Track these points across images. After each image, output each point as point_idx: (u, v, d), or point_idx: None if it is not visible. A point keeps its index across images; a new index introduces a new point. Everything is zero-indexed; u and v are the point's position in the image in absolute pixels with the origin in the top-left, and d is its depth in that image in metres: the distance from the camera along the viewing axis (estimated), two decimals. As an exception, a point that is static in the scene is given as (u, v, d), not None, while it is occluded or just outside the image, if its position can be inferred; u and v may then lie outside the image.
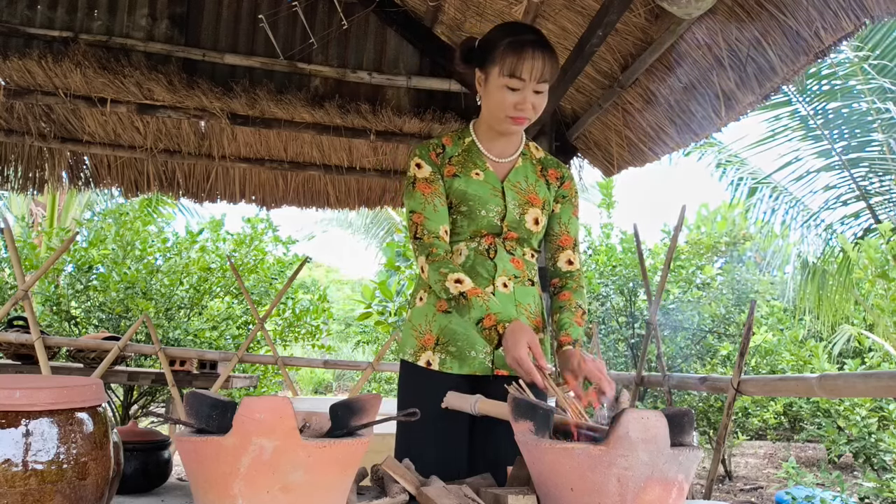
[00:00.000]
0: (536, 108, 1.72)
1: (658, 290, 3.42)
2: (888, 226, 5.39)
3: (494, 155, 1.82)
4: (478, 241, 1.77)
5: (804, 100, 7.48)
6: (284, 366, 4.55)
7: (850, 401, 4.81)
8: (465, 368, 1.75)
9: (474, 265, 1.76)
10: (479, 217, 1.76)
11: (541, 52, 1.66)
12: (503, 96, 1.69)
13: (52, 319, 6.02)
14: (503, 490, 1.29)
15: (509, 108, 1.70)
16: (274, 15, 3.83)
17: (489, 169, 1.80)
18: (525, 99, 1.68)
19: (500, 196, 1.77)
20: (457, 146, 1.83)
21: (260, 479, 1.02)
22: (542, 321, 1.84)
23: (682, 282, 6.18)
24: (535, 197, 1.80)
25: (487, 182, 1.78)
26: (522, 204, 1.78)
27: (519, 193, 1.79)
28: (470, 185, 1.77)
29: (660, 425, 1.11)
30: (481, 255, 1.77)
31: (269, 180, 4.70)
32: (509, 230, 1.78)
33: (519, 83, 1.66)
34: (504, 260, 1.77)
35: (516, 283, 1.77)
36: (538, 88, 1.68)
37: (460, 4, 3.48)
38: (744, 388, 2.64)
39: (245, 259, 6.85)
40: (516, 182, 1.80)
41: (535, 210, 1.79)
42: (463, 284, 1.62)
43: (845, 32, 2.27)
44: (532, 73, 1.65)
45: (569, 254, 1.84)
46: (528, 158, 1.86)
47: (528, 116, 1.71)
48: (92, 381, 1.09)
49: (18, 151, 4.39)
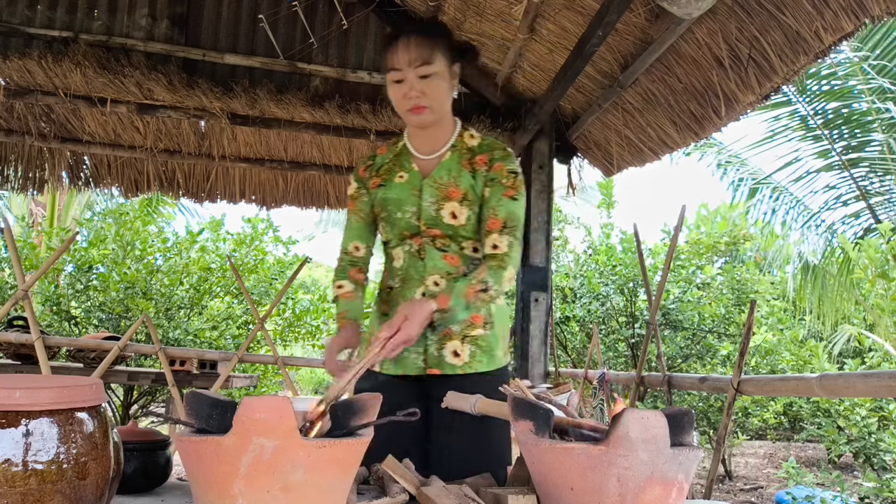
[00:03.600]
0: (428, 92, 1.69)
1: (658, 290, 3.42)
2: (888, 226, 5.40)
3: (422, 153, 1.81)
4: (409, 244, 1.79)
5: (804, 100, 7.48)
6: (284, 366, 4.55)
7: (850, 401, 4.81)
8: (399, 369, 1.77)
9: (408, 268, 1.79)
10: (397, 220, 1.78)
11: (412, 37, 1.68)
12: (393, 91, 1.71)
13: (52, 319, 6.02)
14: (503, 490, 1.29)
15: (401, 102, 1.71)
16: (274, 15, 3.83)
17: (414, 169, 1.80)
18: (411, 86, 1.68)
19: (417, 195, 1.77)
20: (391, 152, 1.86)
21: (260, 479, 1.02)
22: (481, 318, 1.77)
23: (682, 282, 6.18)
24: (454, 190, 1.75)
25: (409, 182, 1.79)
26: (439, 199, 1.75)
27: (438, 189, 1.76)
28: (391, 192, 1.79)
29: (660, 425, 1.11)
30: (413, 256, 1.79)
31: (269, 180, 4.70)
32: (428, 227, 1.76)
33: (399, 74, 1.68)
34: (435, 258, 1.76)
35: (449, 281, 1.75)
36: (421, 73, 1.67)
37: (460, 4, 3.48)
38: (744, 388, 2.64)
39: (245, 259, 6.85)
40: (438, 177, 1.77)
41: (451, 203, 1.74)
42: (341, 289, 1.81)
43: (845, 32, 2.27)
44: (404, 59, 1.67)
45: (494, 237, 1.71)
46: (458, 149, 1.80)
47: (422, 103, 1.69)
48: (92, 381, 1.09)
49: (18, 151, 4.39)
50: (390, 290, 1.83)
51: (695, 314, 5.87)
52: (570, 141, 4.04)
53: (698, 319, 5.89)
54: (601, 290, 6.14)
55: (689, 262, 6.47)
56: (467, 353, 1.75)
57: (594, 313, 6.08)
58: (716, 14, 2.59)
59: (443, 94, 1.72)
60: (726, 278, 6.33)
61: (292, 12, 3.83)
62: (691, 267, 6.33)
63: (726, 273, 6.41)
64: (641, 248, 3.77)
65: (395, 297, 1.80)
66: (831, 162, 7.77)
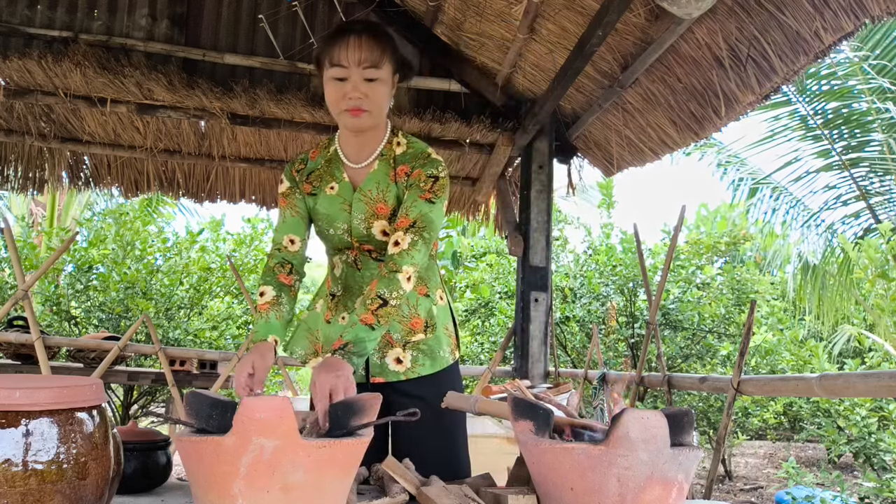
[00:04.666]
0: (371, 96, 1.62)
1: (658, 290, 3.42)
2: (888, 226, 5.39)
3: (353, 160, 1.74)
4: (346, 255, 1.77)
5: (804, 100, 7.49)
6: (284, 366, 4.55)
7: (850, 401, 4.81)
8: None
9: (346, 278, 1.77)
10: (329, 236, 1.76)
11: (362, 36, 1.61)
12: (333, 89, 1.63)
13: (52, 319, 6.01)
14: (503, 490, 1.29)
15: (340, 100, 1.63)
16: (274, 15, 3.83)
17: (345, 179, 1.73)
18: (354, 87, 1.60)
19: (347, 211, 1.72)
20: (322, 156, 1.79)
21: (260, 479, 1.02)
22: (421, 322, 1.76)
23: (682, 282, 6.18)
24: (382, 206, 1.69)
25: (339, 195, 1.72)
26: (368, 216, 1.69)
27: (367, 204, 1.70)
28: (321, 204, 1.74)
29: (660, 425, 1.11)
30: (350, 266, 1.77)
31: (269, 180, 4.69)
32: (361, 243, 1.73)
33: (342, 71, 1.60)
34: (372, 268, 1.74)
35: None
36: (368, 75, 1.61)
37: (460, 4, 3.48)
38: (744, 388, 2.64)
39: (245, 259, 6.85)
40: (367, 191, 1.71)
41: (381, 221, 1.69)
42: (261, 298, 1.67)
43: (845, 32, 2.27)
44: (352, 58, 1.59)
45: (398, 235, 1.61)
46: (386, 159, 1.72)
47: (363, 106, 1.62)
48: (92, 381, 1.09)
49: (18, 151, 4.39)
50: (333, 296, 1.82)
51: (695, 314, 5.87)
52: (570, 141, 4.04)
53: (698, 319, 5.89)
54: (601, 290, 6.14)
55: (688, 262, 6.47)
56: (409, 358, 1.75)
57: (594, 313, 6.08)
58: (716, 14, 2.59)
59: (383, 101, 1.66)
60: (726, 278, 6.33)
61: (292, 12, 3.83)
62: (691, 267, 6.33)
63: (726, 273, 6.41)
64: (641, 248, 3.76)
65: (337, 305, 1.80)
66: (831, 162, 7.77)
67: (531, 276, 3.87)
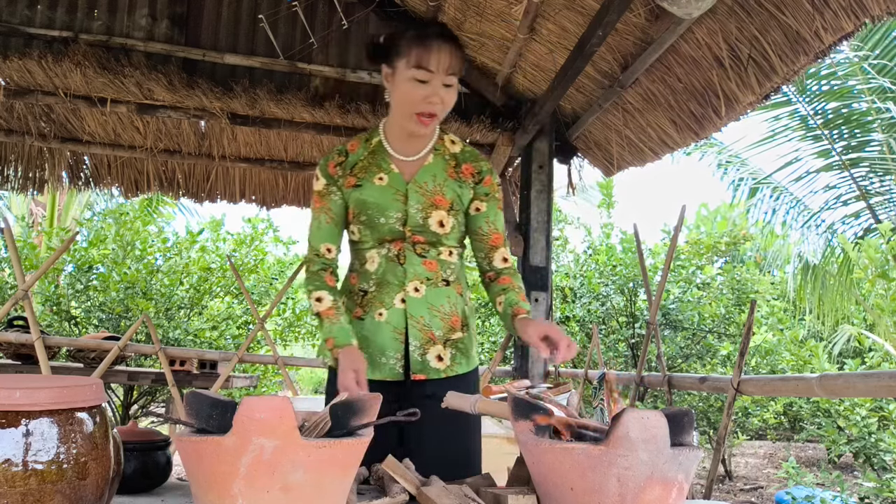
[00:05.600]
0: (446, 103, 1.65)
1: (658, 290, 3.42)
2: (888, 226, 5.39)
3: (402, 154, 1.75)
4: (387, 248, 1.74)
5: (804, 100, 7.49)
6: (284, 366, 4.55)
7: (850, 401, 4.81)
8: (376, 374, 1.73)
9: (385, 273, 1.74)
10: (379, 225, 1.72)
11: (448, 43, 1.63)
12: (411, 89, 1.63)
13: (52, 319, 6.02)
14: (503, 490, 1.29)
15: (417, 102, 1.63)
16: (274, 15, 3.83)
17: (394, 170, 1.74)
18: (434, 91, 1.62)
19: (402, 200, 1.71)
20: (364, 149, 1.78)
21: (260, 479, 1.02)
22: (459, 320, 1.78)
23: (682, 282, 6.18)
24: (441, 198, 1.72)
25: (391, 186, 1.72)
26: (426, 206, 1.71)
27: (424, 195, 1.72)
28: (370, 194, 1.72)
29: (660, 425, 1.11)
30: (391, 261, 1.73)
31: (269, 180, 4.70)
32: (414, 234, 1.72)
33: (427, 74, 1.61)
34: (415, 264, 1.73)
35: (429, 286, 1.74)
36: (447, 81, 1.63)
37: (460, 4, 3.48)
38: (744, 388, 2.64)
39: (245, 259, 6.85)
40: (423, 182, 1.73)
41: (439, 212, 1.72)
42: (321, 304, 1.69)
43: (845, 32, 2.27)
44: (440, 64, 1.61)
45: (502, 251, 1.81)
46: (440, 154, 1.77)
47: (437, 112, 1.66)
48: (92, 381, 1.09)
49: (18, 151, 4.39)
50: (364, 293, 1.77)
51: (695, 314, 5.88)
52: (570, 141, 4.04)
53: (698, 319, 5.89)
54: (601, 291, 6.14)
55: (689, 262, 6.48)
56: (448, 356, 1.75)
57: (594, 313, 6.08)
58: (716, 14, 2.59)
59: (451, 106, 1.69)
60: (726, 278, 6.33)
61: (292, 12, 3.83)
62: (691, 267, 6.34)
63: (726, 273, 6.41)
64: (641, 248, 3.76)
65: (372, 301, 1.75)
66: (831, 162, 7.78)
67: (531, 275, 3.87)
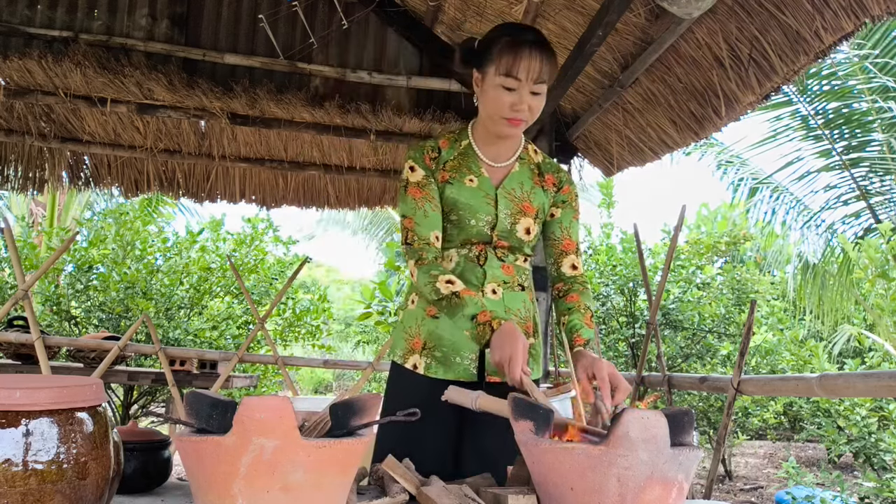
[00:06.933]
0: (533, 109, 1.66)
1: (658, 290, 3.43)
2: (888, 225, 5.39)
3: (491, 159, 1.77)
4: (468, 248, 1.75)
5: (805, 100, 7.48)
6: (284, 366, 4.55)
7: (850, 401, 4.81)
8: (449, 374, 1.73)
9: (464, 272, 1.74)
10: (468, 226, 1.73)
11: (539, 51, 1.62)
12: (499, 96, 1.64)
13: (52, 319, 6.02)
14: (503, 490, 1.29)
15: (505, 109, 1.64)
16: (274, 15, 3.83)
17: (484, 174, 1.76)
18: (521, 99, 1.63)
19: (492, 204, 1.73)
20: (453, 149, 1.78)
21: (260, 479, 1.02)
22: (532, 325, 1.80)
23: (682, 282, 6.18)
24: (528, 206, 1.76)
25: (481, 189, 1.74)
26: (515, 213, 1.74)
27: (512, 201, 1.75)
28: (462, 194, 1.73)
29: (660, 425, 1.11)
30: (471, 261, 1.75)
31: (269, 180, 4.70)
32: (499, 238, 1.75)
33: (515, 83, 1.62)
34: (494, 266, 1.75)
35: (506, 290, 1.76)
36: (535, 89, 1.64)
37: (460, 4, 3.48)
38: (744, 388, 2.65)
39: (245, 259, 6.85)
40: (511, 189, 1.76)
41: (527, 219, 1.75)
42: (455, 285, 1.62)
43: (845, 32, 2.27)
44: (529, 73, 1.61)
45: (572, 258, 1.81)
46: (525, 163, 1.81)
47: (525, 118, 1.66)
48: (92, 381, 1.09)
49: (18, 151, 4.39)
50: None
51: (695, 314, 5.87)
52: (570, 141, 4.04)
53: (698, 319, 5.89)
54: (601, 291, 6.14)
55: (689, 262, 6.47)
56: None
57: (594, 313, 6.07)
58: (716, 14, 2.59)
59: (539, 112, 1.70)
60: (726, 278, 6.33)
61: (292, 12, 3.83)
62: (691, 267, 6.34)
63: (726, 273, 6.41)
64: (641, 248, 3.77)
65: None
66: (832, 162, 7.77)
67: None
